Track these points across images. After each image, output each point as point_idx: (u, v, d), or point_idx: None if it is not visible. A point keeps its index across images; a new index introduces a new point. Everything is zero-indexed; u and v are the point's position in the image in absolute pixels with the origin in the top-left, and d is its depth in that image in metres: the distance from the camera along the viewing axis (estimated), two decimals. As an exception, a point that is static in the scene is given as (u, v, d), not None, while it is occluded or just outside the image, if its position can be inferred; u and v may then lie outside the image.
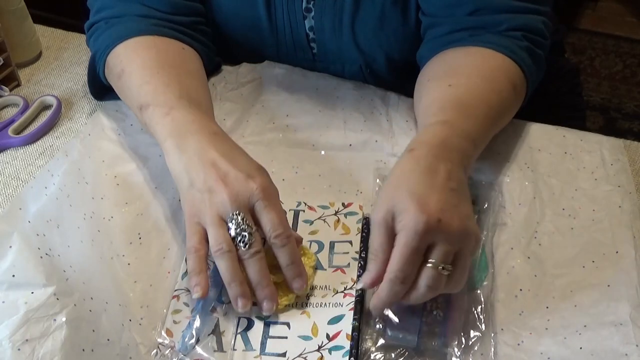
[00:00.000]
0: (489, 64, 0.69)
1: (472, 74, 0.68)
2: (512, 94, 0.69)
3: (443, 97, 0.66)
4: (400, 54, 0.79)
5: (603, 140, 0.73)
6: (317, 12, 0.78)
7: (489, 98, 0.66)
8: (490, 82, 0.67)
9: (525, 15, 0.71)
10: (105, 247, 0.63)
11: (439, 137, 0.60)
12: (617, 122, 1.95)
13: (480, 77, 0.68)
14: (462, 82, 0.67)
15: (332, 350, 0.57)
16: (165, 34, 0.75)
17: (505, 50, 0.69)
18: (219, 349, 0.57)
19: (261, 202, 0.58)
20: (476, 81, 0.67)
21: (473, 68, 0.69)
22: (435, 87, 0.69)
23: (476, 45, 0.70)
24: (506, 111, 0.69)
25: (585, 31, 2.23)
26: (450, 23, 0.72)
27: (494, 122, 0.67)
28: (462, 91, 0.66)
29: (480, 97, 0.66)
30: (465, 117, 0.63)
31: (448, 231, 0.53)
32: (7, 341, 0.52)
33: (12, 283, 0.56)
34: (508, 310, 0.59)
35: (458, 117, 0.63)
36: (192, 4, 0.80)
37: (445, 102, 0.66)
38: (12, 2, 0.86)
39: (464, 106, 0.65)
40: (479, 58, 0.70)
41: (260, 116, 0.79)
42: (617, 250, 0.62)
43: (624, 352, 0.55)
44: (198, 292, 0.57)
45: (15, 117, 0.80)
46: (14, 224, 0.61)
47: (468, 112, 0.64)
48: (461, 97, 0.66)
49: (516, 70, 0.69)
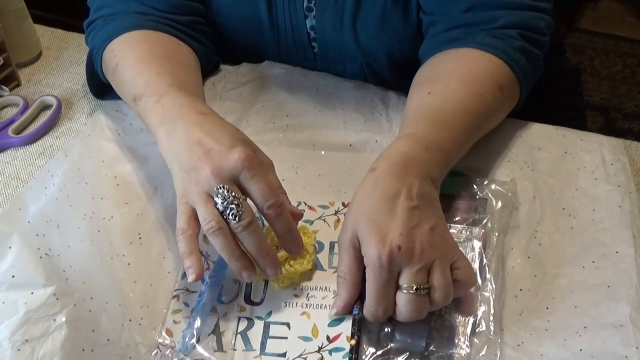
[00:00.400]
0: (472, 68, 0.69)
1: (452, 81, 0.68)
2: (497, 95, 0.68)
3: (419, 106, 0.67)
4: (401, 53, 0.79)
5: (603, 140, 0.73)
6: (318, 12, 0.78)
7: (467, 104, 0.66)
8: (470, 87, 0.67)
9: (522, 12, 0.71)
10: (105, 247, 0.63)
11: (401, 152, 0.60)
12: (617, 122, 1.95)
13: (461, 82, 0.68)
14: (440, 90, 0.67)
15: (332, 351, 0.57)
16: (160, 29, 0.76)
17: (494, 50, 0.69)
18: (219, 349, 0.57)
19: (246, 173, 0.57)
20: (455, 87, 0.67)
21: (454, 74, 0.69)
22: (415, 95, 0.70)
23: (466, 46, 0.70)
24: (491, 113, 0.69)
25: (585, 31, 2.23)
26: (446, 20, 0.72)
27: (473, 127, 0.67)
28: (438, 100, 0.66)
29: (458, 104, 0.66)
30: (437, 127, 0.63)
31: (410, 255, 0.54)
32: (7, 341, 0.52)
33: (12, 283, 0.56)
34: (508, 310, 0.59)
35: (428, 127, 0.63)
36: (192, 4, 0.80)
37: (419, 111, 0.66)
38: (12, 2, 0.86)
39: (439, 115, 0.65)
40: (463, 62, 0.70)
41: (260, 116, 0.79)
42: (617, 250, 0.62)
43: (624, 354, 0.54)
44: (192, 275, 0.56)
45: (15, 117, 0.80)
46: (13, 224, 0.61)
47: (442, 121, 0.64)
48: (437, 105, 0.66)
49: (504, 71, 0.69)
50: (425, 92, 0.68)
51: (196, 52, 0.79)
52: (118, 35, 0.74)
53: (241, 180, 0.57)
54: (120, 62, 0.72)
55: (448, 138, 0.63)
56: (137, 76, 0.69)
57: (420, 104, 0.67)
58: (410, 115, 0.67)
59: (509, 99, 0.71)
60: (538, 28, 0.71)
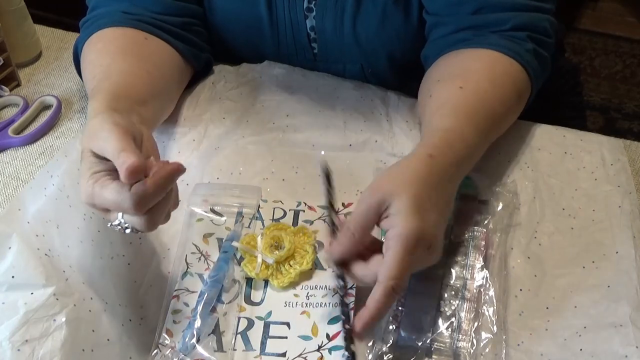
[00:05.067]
0: (498, 69, 0.69)
1: (482, 79, 0.68)
2: (515, 102, 0.69)
3: (454, 99, 0.66)
4: (402, 54, 0.79)
5: (603, 140, 0.73)
6: (318, 12, 0.78)
7: (494, 106, 0.66)
8: (498, 89, 0.67)
9: (529, 14, 0.71)
10: (105, 247, 0.63)
11: (455, 151, 0.60)
12: (617, 122, 1.95)
13: (489, 81, 0.67)
14: (472, 87, 0.67)
15: (332, 350, 0.57)
16: (133, 25, 0.75)
17: (512, 53, 0.69)
18: (219, 349, 0.57)
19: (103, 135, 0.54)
20: (485, 86, 0.67)
21: (482, 72, 0.69)
22: (445, 88, 0.68)
23: (483, 47, 0.70)
24: (507, 120, 0.70)
25: (585, 31, 2.23)
26: (454, 22, 0.72)
27: (494, 131, 0.67)
28: (471, 95, 0.66)
29: (488, 104, 0.66)
30: (473, 126, 0.63)
31: (430, 258, 0.55)
32: (7, 342, 0.52)
33: (11, 284, 0.56)
34: (508, 310, 0.59)
35: (468, 125, 0.63)
36: (186, 5, 0.80)
37: (457, 105, 0.65)
38: (12, 2, 0.86)
39: (473, 113, 0.64)
40: (488, 62, 0.69)
41: (260, 116, 0.79)
42: (617, 250, 0.62)
43: (623, 354, 0.55)
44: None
45: (15, 117, 0.80)
46: (13, 224, 0.61)
47: (475, 120, 0.64)
48: (471, 102, 0.65)
49: (523, 76, 0.69)
50: (457, 87, 0.67)
51: (179, 50, 0.77)
52: (92, 34, 0.74)
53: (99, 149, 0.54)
54: (82, 65, 0.73)
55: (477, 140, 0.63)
56: (87, 82, 0.70)
57: (455, 97, 0.66)
58: (448, 106, 0.65)
59: (522, 106, 0.71)
60: (544, 29, 0.71)
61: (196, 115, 0.79)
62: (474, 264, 0.61)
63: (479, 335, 0.56)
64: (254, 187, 0.70)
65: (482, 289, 0.59)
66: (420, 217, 0.53)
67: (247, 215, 0.68)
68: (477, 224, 0.64)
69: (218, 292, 0.61)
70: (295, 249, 0.63)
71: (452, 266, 0.61)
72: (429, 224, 0.53)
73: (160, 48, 0.76)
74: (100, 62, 0.70)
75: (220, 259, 0.63)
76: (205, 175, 0.72)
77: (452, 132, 0.62)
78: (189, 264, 0.63)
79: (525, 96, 0.70)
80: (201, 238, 0.66)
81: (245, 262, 0.62)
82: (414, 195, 0.54)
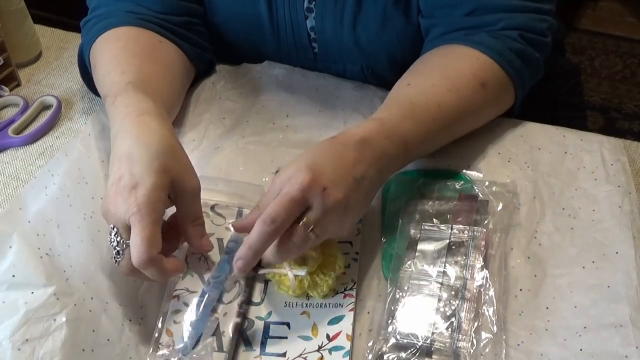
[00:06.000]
0: (456, 63, 0.69)
1: (435, 74, 0.69)
2: (479, 92, 0.68)
3: (396, 96, 0.68)
4: (402, 55, 0.79)
5: (603, 140, 0.73)
6: (318, 13, 0.78)
7: (442, 98, 0.66)
8: (450, 81, 0.68)
9: (524, 15, 0.71)
10: (105, 247, 0.63)
11: (363, 132, 0.61)
12: (617, 122, 1.95)
13: (441, 77, 0.68)
14: (420, 82, 0.68)
15: (332, 350, 0.57)
16: (145, 27, 0.76)
17: (484, 48, 0.69)
18: (219, 349, 0.57)
19: (133, 218, 0.55)
20: (433, 81, 0.68)
21: (437, 67, 0.70)
22: (396, 86, 0.70)
23: (458, 43, 0.70)
24: (470, 110, 0.69)
25: (585, 31, 2.23)
26: (447, 24, 0.72)
27: (446, 122, 0.67)
28: (415, 91, 0.67)
29: (432, 97, 0.66)
30: (405, 118, 0.64)
31: (328, 200, 0.55)
32: (7, 341, 0.52)
33: (12, 283, 0.56)
34: (508, 310, 0.59)
35: (396, 116, 0.64)
36: (187, 4, 0.80)
37: (394, 100, 0.67)
38: (12, 2, 0.86)
39: (409, 106, 0.65)
40: (449, 57, 0.70)
41: (260, 116, 0.79)
42: (617, 250, 0.62)
43: (623, 354, 0.55)
44: None
45: (15, 117, 0.80)
46: (14, 224, 0.61)
47: (411, 113, 0.65)
48: (411, 97, 0.67)
49: (492, 69, 0.69)
50: (405, 83, 0.69)
51: (185, 51, 0.78)
52: (102, 33, 0.74)
53: (130, 222, 0.55)
54: (97, 61, 0.73)
55: (415, 131, 0.64)
56: (107, 76, 0.70)
57: (397, 94, 0.69)
58: (387, 102, 0.68)
59: (494, 97, 0.71)
60: (540, 30, 0.71)
61: (196, 115, 0.79)
62: (474, 264, 0.61)
63: (479, 335, 0.56)
64: (255, 185, 0.70)
65: (482, 289, 0.59)
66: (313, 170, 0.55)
67: (247, 215, 0.68)
68: (477, 224, 0.64)
69: (219, 293, 0.61)
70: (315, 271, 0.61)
71: (452, 266, 0.61)
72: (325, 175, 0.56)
73: (172, 53, 0.77)
74: (129, 61, 0.70)
75: (223, 260, 0.63)
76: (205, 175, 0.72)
77: (370, 120, 0.63)
78: (189, 264, 0.63)
79: (497, 88, 0.70)
80: (201, 238, 0.65)
81: (278, 285, 0.61)
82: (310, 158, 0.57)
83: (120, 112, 0.63)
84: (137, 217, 0.54)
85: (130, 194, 0.55)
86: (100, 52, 0.73)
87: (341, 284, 0.61)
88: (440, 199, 0.66)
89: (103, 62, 0.72)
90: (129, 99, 0.64)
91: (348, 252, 0.64)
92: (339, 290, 0.61)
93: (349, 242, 0.65)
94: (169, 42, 0.77)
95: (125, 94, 0.65)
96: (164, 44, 0.76)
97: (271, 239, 0.55)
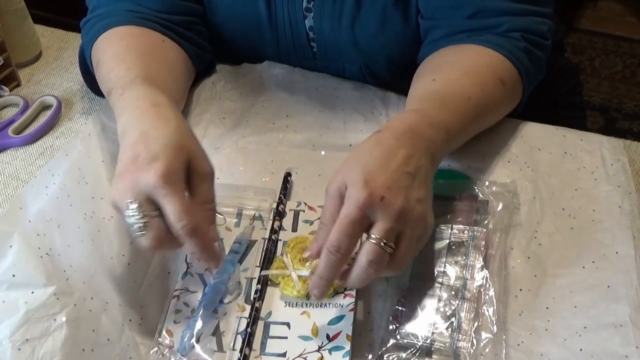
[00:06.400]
0: (476, 60, 0.69)
1: (456, 70, 0.69)
2: (499, 87, 0.69)
3: (424, 90, 0.68)
4: (401, 56, 0.79)
5: (603, 140, 0.73)
6: (316, 13, 0.78)
7: (469, 91, 0.66)
8: (473, 77, 0.68)
9: (525, 18, 0.71)
10: (105, 247, 0.63)
11: (406, 123, 0.60)
12: (617, 122, 1.95)
13: (464, 72, 0.68)
14: (444, 77, 0.68)
15: (332, 350, 0.57)
16: (147, 26, 0.76)
17: (498, 47, 0.69)
18: (219, 349, 0.57)
19: (160, 190, 0.54)
20: (458, 76, 0.68)
21: (458, 64, 0.70)
22: (419, 83, 0.70)
23: (466, 43, 0.70)
24: (492, 104, 0.69)
25: (585, 31, 2.23)
26: (449, 25, 0.72)
27: (475, 115, 0.67)
28: (442, 85, 0.67)
29: (460, 90, 0.66)
30: (441, 108, 0.64)
31: (389, 209, 0.53)
32: (7, 341, 0.52)
33: (12, 283, 0.56)
34: (508, 310, 0.59)
35: (432, 106, 0.64)
36: (188, 4, 0.80)
37: (424, 94, 0.67)
38: (12, 2, 0.86)
39: (442, 98, 0.65)
40: (467, 54, 0.70)
41: (260, 116, 0.79)
42: (617, 250, 0.62)
43: (623, 353, 0.55)
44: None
45: (15, 117, 0.80)
46: (14, 223, 0.61)
47: (445, 103, 0.64)
48: (440, 90, 0.66)
49: (506, 66, 0.69)
50: (430, 79, 0.68)
51: (186, 51, 0.79)
52: (103, 32, 0.74)
53: (155, 197, 0.55)
54: (100, 58, 0.73)
55: (452, 120, 0.63)
56: (111, 71, 0.70)
57: (425, 88, 0.68)
58: (416, 97, 0.67)
59: (510, 94, 0.71)
60: (541, 32, 0.72)
61: (196, 115, 0.79)
62: (474, 264, 0.61)
63: (479, 335, 0.56)
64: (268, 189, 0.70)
65: (482, 289, 0.59)
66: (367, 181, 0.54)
67: (247, 216, 0.68)
68: (477, 224, 0.64)
69: (221, 294, 0.61)
70: None
71: (452, 266, 0.61)
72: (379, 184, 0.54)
73: (175, 52, 0.77)
74: (133, 58, 0.70)
75: (227, 261, 0.63)
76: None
77: (409, 112, 0.63)
78: (189, 264, 0.63)
79: (512, 85, 0.70)
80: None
81: (282, 286, 0.61)
82: (361, 165, 0.55)
83: (130, 103, 0.63)
84: (164, 189, 0.54)
85: (151, 167, 0.55)
86: (103, 50, 0.73)
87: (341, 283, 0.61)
88: (440, 199, 0.66)
89: (106, 59, 0.72)
90: (139, 91, 0.64)
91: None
92: (339, 290, 0.61)
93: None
94: (171, 41, 0.77)
95: (135, 87, 0.65)
96: (167, 43, 0.77)
97: (340, 265, 0.54)
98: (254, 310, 0.59)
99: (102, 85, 0.73)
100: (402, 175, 0.55)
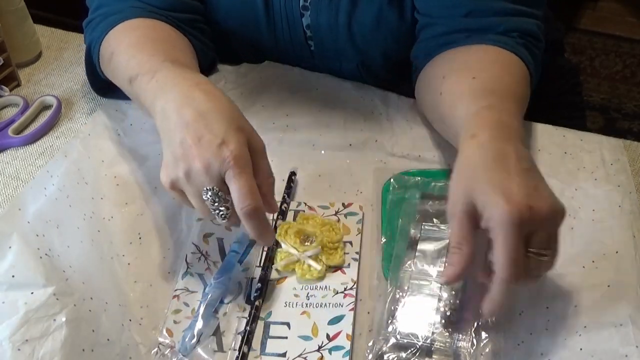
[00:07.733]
0: (501, 59, 0.69)
1: (490, 67, 0.68)
2: (527, 84, 0.69)
3: (472, 88, 0.65)
4: (397, 53, 0.79)
5: (603, 140, 0.73)
6: (313, 11, 0.78)
7: (514, 88, 0.66)
8: (508, 73, 0.67)
9: (519, 18, 0.71)
10: (105, 247, 0.63)
11: (493, 119, 0.58)
12: (617, 122, 1.95)
13: (499, 69, 0.68)
14: (485, 75, 0.66)
15: (332, 350, 0.57)
16: (156, 18, 0.75)
17: (508, 47, 0.69)
18: (219, 349, 0.57)
19: (231, 171, 0.55)
20: (498, 72, 0.67)
21: (489, 62, 0.69)
22: (457, 82, 0.68)
23: (479, 43, 0.70)
24: (526, 100, 0.69)
25: (585, 31, 2.23)
26: (445, 24, 0.72)
27: (523, 108, 0.66)
28: (488, 81, 0.66)
29: (507, 85, 0.65)
30: (505, 100, 0.62)
31: (541, 218, 0.51)
32: (7, 341, 0.52)
33: (12, 283, 0.56)
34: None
35: (499, 100, 0.62)
36: (190, 2, 0.80)
37: (478, 91, 0.64)
38: (12, 2, 0.86)
39: (498, 92, 0.64)
40: (490, 54, 0.69)
41: (260, 116, 0.79)
42: (617, 250, 0.62)
43: (623, 353, 0.55)
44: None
45: (15, 117, 0.80)
46: (13, 224, 0.61)
47: (504, 96, 0.63)
48: (490, 86, 0.65)
49: (521, 65, 0.69)
50: (469, 78, 0.66)
51: (194, 46, 0.79)
52: (113, 27, 0.74)
53: (226, 177, 0.56)
54: (115, 49, 0.72)
55: (517, 110, 0.63)
56: (131, 59, 0.68)
57: (472, 86, 0.65)
58: (469, 95, 0.64)
59: (530, 91, 0.71)
60: (534, 33, 0.72)
61: (196, 115, 0.79)
62: (474, 264, 0.61)
63: (479, 335, 0.56)
64: None
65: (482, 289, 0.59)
66: (506, 197, 0.51)
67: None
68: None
69: (222, 295, 0.61)
70: (323, 244, 0.63)
71: (452, 266, 0.61)
72: (519, 195, 0.51)
73: (187, 44, 0.77)
74: (154, 46, 0.70)
75: (227, 261, 0.63)
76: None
77: (483, 109, 0.61)
78: (189, 264, 0.63)
79: (530, 82, 0.70)
80: (201, 238, 0.66)
81: (301, 274, 0.62)
82: (485, 180, 0.53)
83: (167, 84, 0.61)
84: (236, 169, 0.55)
85: (221, 150, 0.55)
86: (118, 41, 0.72)
87: (341, 283, 0.61)
88: (440, 199, 0.66)
89: (122, 49, 0.70)
90: (175, 72, 0.63)
91: (348, 252, 0.64)
92: (339, 290, 0.61)
93: (349, 242, 0.65)
94: (181, 34, 0.77)
95: (167, 70, 0.64)
96: (178, 33, 0.76)
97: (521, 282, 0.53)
98: (254, 308, 0.59)
99: (118, 75, 0.71)
100: (526, 174, 0.53)
